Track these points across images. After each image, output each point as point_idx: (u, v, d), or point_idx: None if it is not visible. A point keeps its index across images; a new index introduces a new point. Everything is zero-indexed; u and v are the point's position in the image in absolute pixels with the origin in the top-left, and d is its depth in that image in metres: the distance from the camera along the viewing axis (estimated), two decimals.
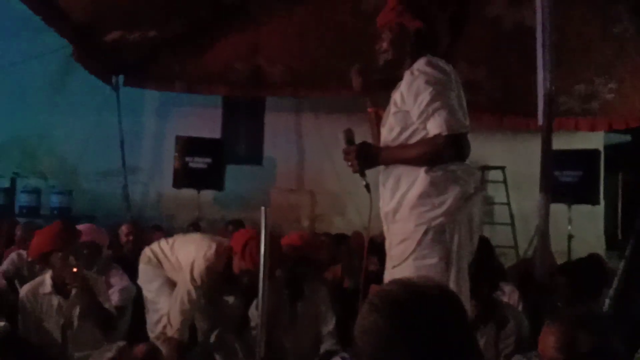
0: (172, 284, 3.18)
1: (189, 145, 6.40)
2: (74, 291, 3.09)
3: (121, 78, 6.48)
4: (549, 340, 1.46)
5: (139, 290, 3.79)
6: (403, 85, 2.07)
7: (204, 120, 7.43)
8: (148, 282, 3.30)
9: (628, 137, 9.73)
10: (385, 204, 2.13)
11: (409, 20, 2.12)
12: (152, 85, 6.63)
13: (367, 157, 2.08)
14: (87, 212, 6.81)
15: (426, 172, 1.97)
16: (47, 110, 7.18)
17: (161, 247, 3.31)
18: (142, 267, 3.35)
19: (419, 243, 1.95)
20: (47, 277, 3.15)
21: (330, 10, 5.47)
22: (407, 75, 2.06)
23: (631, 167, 10.68)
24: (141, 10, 5.08)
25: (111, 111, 6.55)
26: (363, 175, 2.11)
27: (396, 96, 2.10)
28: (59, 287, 3.11)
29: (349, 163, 2.10)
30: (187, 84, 6.59)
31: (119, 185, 6.84)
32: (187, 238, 3.37)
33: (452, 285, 1.90)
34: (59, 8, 4.77)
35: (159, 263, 3.28)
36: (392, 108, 2.12)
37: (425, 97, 1.95)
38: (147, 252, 3.36)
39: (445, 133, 1.92)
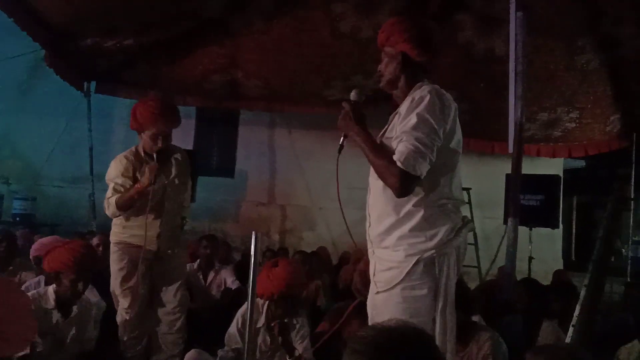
0: None
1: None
2: (74, 311, 3.05)
3: (93, 84, 6.37)
4: None
5: (108, 306, 3.75)
6: (402, 109, 2.02)
7: (176, 130, 7.33)
8: None
9: (582, 163, 10.18)
10: (372, 228, 2.09)
11: (411, 49, 2.08)
12: (125, 93, 6.48)
13: (351, 119, 2.07)
14: (51, 219, 6.62)
15: (419, 205, 1.98)
16: (12, 113, 6.99)
17: None
18: None
19: (409, 273, 1.94)
20: (51, 291, 3.01)
21: (309, 28, 5.47)
22: (407, 101, 2.04)
23: (585, 191, 11.21)
24: (121, 19, 5.01)
25: (80, 117, 6.42)
26: (344, 134, 2.11)
27: (395, 120, 2.06)
28: (61, 305, 3.00)
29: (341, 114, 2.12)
30: (160, 93, 6.51)
31: (85, 193, 6.68)
32: None
33: (438, 317, 1.95)
34: (34, 12, 4.65)
35: None
36: (390, 132, 2.07)
37: (412, 121, 1.94)
38: None
39: (399, 165, 1.90)
